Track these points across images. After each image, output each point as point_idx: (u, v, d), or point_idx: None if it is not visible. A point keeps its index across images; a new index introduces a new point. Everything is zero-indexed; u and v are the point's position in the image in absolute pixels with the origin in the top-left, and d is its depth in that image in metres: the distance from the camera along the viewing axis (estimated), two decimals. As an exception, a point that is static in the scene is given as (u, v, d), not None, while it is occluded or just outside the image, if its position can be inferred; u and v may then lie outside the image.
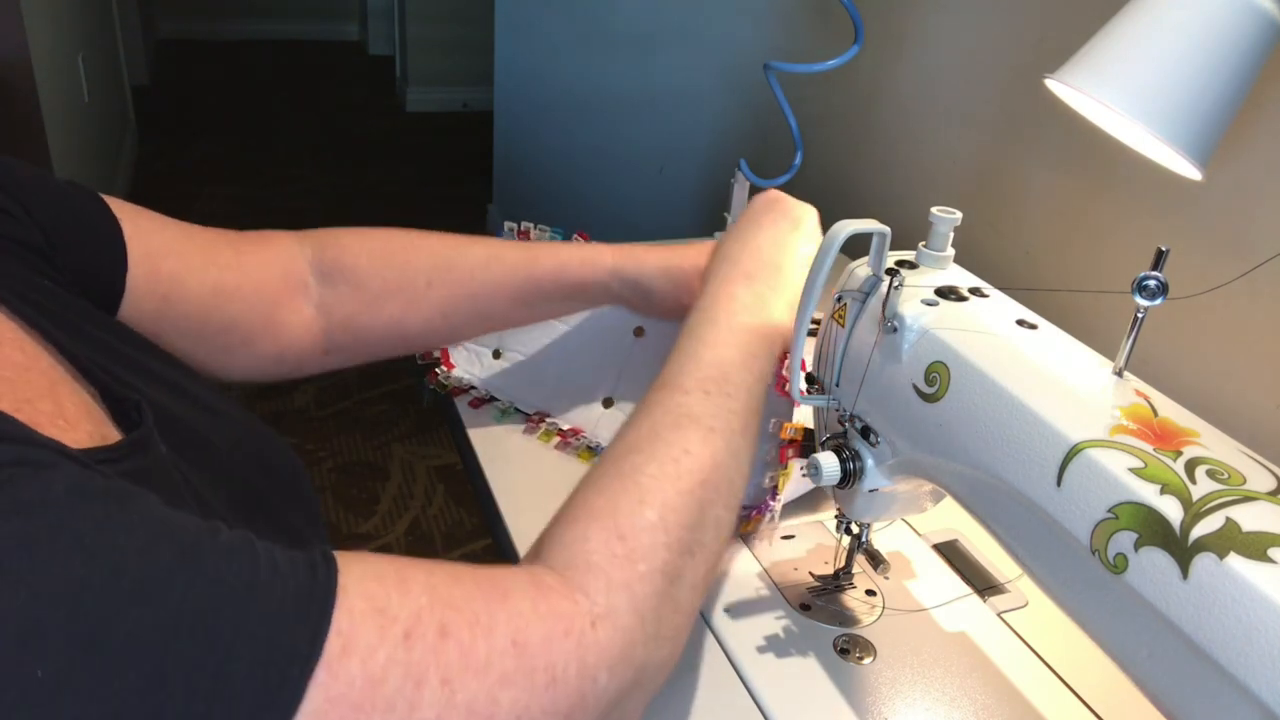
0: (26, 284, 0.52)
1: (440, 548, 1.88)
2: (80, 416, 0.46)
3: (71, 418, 0.45)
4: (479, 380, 0.90)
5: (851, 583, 0.72)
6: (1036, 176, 1.01)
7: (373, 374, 2.43)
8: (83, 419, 0.46)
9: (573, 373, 0.87)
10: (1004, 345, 0.55)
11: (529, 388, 0.89)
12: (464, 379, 0.90)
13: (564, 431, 0.87)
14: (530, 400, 0.89)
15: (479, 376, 0.91)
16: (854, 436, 0.63)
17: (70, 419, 0.45)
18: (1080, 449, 0.47)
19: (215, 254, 0.69)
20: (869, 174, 1.32)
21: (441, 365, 0.90)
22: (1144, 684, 0.46)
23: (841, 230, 0.58)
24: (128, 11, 3.91)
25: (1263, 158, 0.76)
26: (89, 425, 0.46)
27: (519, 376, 0.89)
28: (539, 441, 0.87)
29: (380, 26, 5.15)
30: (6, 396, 0.43)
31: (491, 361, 0.91)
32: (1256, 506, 0.43)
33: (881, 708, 0.62)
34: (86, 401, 0.47)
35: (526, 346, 0.89)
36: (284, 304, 0.73)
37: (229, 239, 0.71)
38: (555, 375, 0.88)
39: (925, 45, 1.18)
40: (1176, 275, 0.50)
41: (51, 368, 0.47)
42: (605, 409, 0.86)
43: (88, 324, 0.54)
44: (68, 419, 0.45)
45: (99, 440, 0.45)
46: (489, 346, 0.91)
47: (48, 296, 0.52)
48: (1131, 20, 0.65)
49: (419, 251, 0.76)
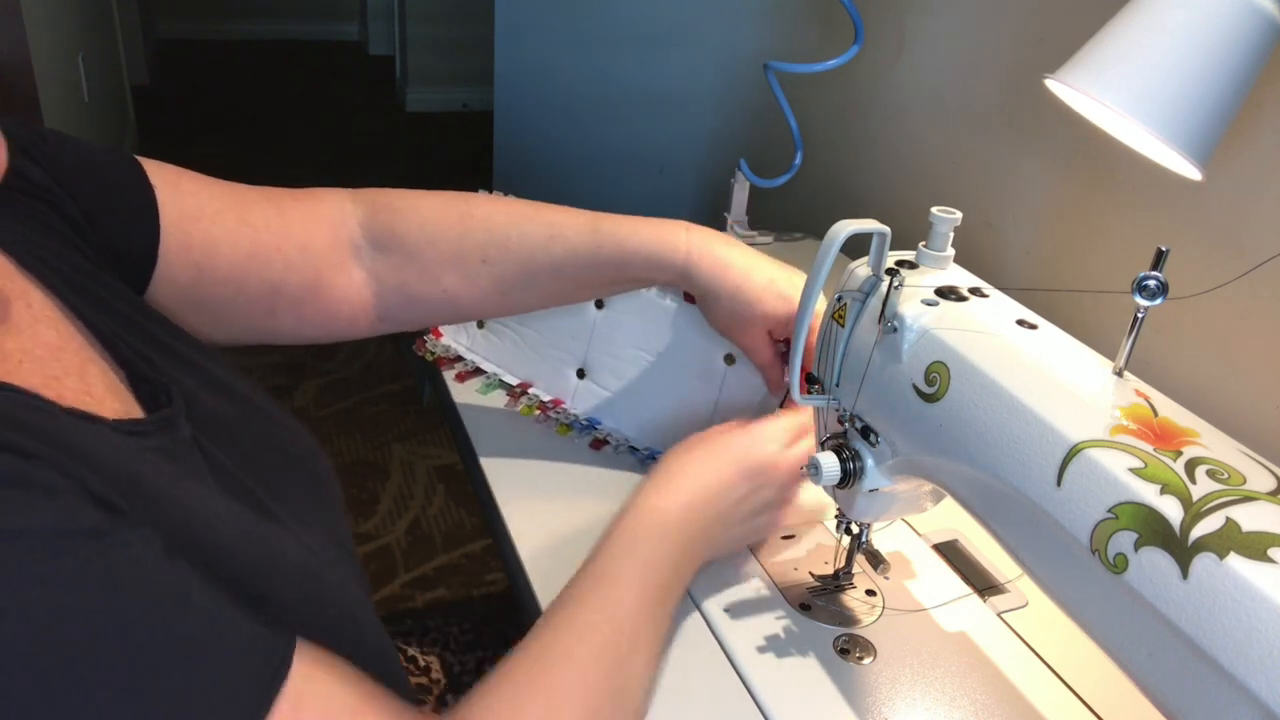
0: (60, 259, 0.52)
1: (440, 548, 1.88)
2: (106, 394, 0.46)
3: (98, 395, 0.46)
4: (465, 350, 0.92)
5: (851, 583, 0.72)
6: (1036, 176, 1.01)
7: (373, 374, 2.43)
8: (109, 397, 0.46)
9: (548, 342, 0.88)
10: (1004, 345, 0.55)
11: (512, 357, 0.90)
12: (451, 348, 0.92)
13: (544, 404, 0.88)
14: (514, 370, 0.90)
15: (465, 345, 0.92)
16: (854, 436, 0.63)
17: (97, 396, 0.46)
18: (1080, 449, 0.47)
19: (253, 215, 0.67)
20: (869, 174, 1.32)
21: (430, 334, 0.92)
22: (1144, 684, 0.46)
23: (841, 230, 0.58)
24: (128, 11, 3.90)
25: (1263, 158, 0.76)
26: (115, 403, 0.46)
27: (503, 345, 0.91)
28: (521, 414, 0.88)
29: (380, 26, 5.15)
30: (37, 373, 0.43)
31: (475, 331, 0.92)
32: (1256, 506, 0.43)
33: (881, 708, 0.62)
34: (114, 380, 0.48)
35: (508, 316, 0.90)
36: (332, 265, 0.71)
37: (272, 197, 0.69)
38: (534, 344, 0.89)
39: (925, 45, 1.18)
40: (1176, 275, 0.50)
41: (82, 347, 0.48)
42: (579, 380, 0.87)
43: (118, 302, 0.54)
44: (94, 396, 0.45)
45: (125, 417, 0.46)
46: None
47: (80, 273, 0.52)
48: (1131, 20, 0.65)
49: (475, 223, 0.73)
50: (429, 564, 1.84)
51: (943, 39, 1.15)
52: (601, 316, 0.85)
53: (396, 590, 1.77)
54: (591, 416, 0.86)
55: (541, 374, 0.89)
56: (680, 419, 0.83)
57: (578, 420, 0.86)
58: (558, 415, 0.87)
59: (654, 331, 0.83)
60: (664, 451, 0.82)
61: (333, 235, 0.71)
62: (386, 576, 1.80)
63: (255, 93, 4.57)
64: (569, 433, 0.87)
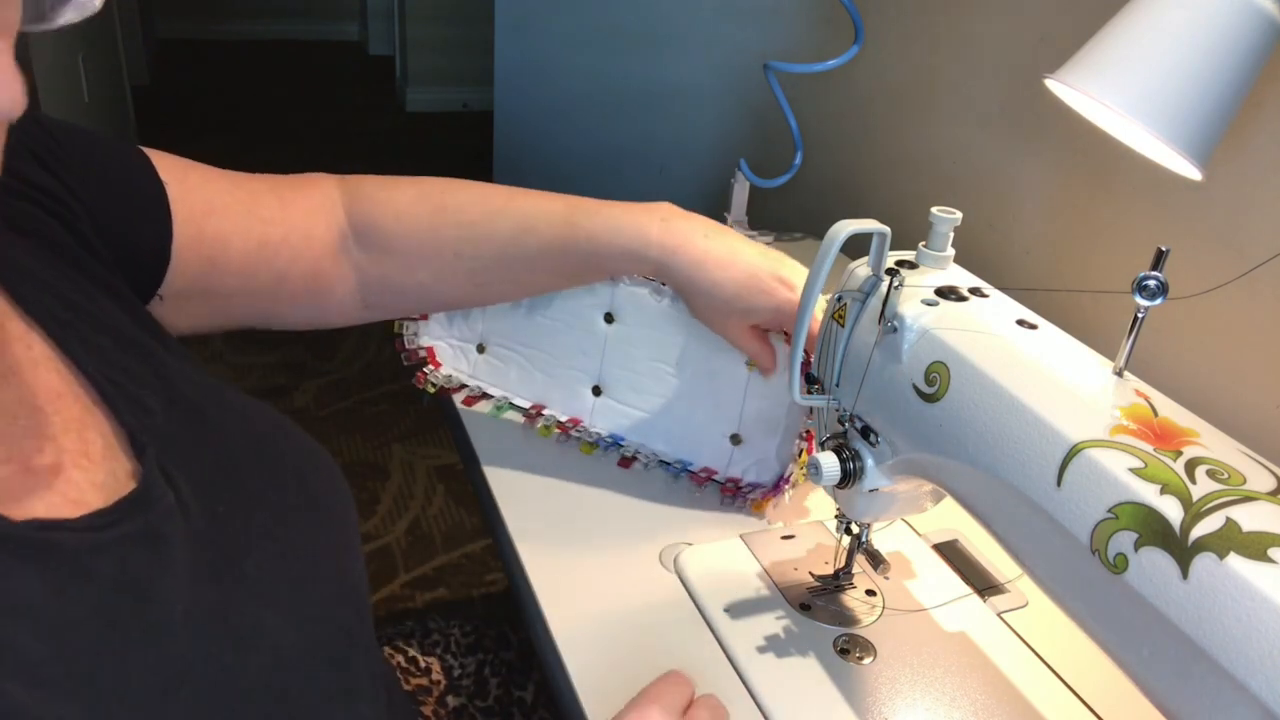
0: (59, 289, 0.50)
1: (440, 548, 1.88)
2: (102, 454, 0.45)
3: (95, 456, 0.45)
4: (468, 377, 0.89)
5: (851, 583, 0.72)
6: (1037, 176, 1.01)
7: (373, 374, 2.43)
8: (104, 457, 0.45)
9: (557, 362, 0.86)
10: (1004, 345, 0.55)
11: (519, 380, 0.88)
12: (454, 378, 0.89)
13: (563, 424, 0.86)
14: (522, 393, 0.88)
15: (467, 373, 0.89)
16: (854, 436, 0.63)
17: (94, 458, 0.45)
18: (1080, 449, 0.47)
19: (261, 207, 0.67)
20: (869, 174, 1.32)
21: (429, 365, 0.88)
22: (1144, 684, 0.46)
23: (841, 230, 0.58)
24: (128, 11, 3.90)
25: (1263, 158, 0.76)
26: (109, 463, 0.45)
27: (507, 369, 0.88)
28: (539, 435, 0.86)
29: (380, 26, 5.14)
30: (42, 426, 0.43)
31: (476, 356, 0.89)
32: (1256, 506, 0.43)
33: (881, 708, 0.62)
34: (108, 435, 0.47)
35: (509, 338, 0.87)
36: (329, 254, 0.72)
37: (274, 186, 0.69)
38: (542, 365, 0.86)
39: (925, 45, 1.18)
40: (1176, 275, 0.50)
41: (80, 395, 0.47)
42: (596, 397, 0.85)
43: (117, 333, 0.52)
44: (91, 458, 0.44)
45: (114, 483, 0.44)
46: (471, 342, 0.88)
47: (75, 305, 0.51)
48: (1132, 20, 0.65)
49: (447, 217, 0.73)
50: (429, 564, 1.84)
51: (943, 39, 1.15)
52: (612, 331, 0.83)
53: (396, 590, 1.77)
54: (615, 434, 0.84)
55: (554, 394, 0.86)
56: (710, 428, 0.82)
57: (601, 438, 0.84)
58: (579, 434, 0.85)
59: (670, 344, 0.81)
60: (696, 463, 0.82)
61: (327, 224, 0.72)
62: (386, 576, 1.80)
63: (255, 93, 4.57)
64: (594, 451, 0.85)
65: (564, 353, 0.85)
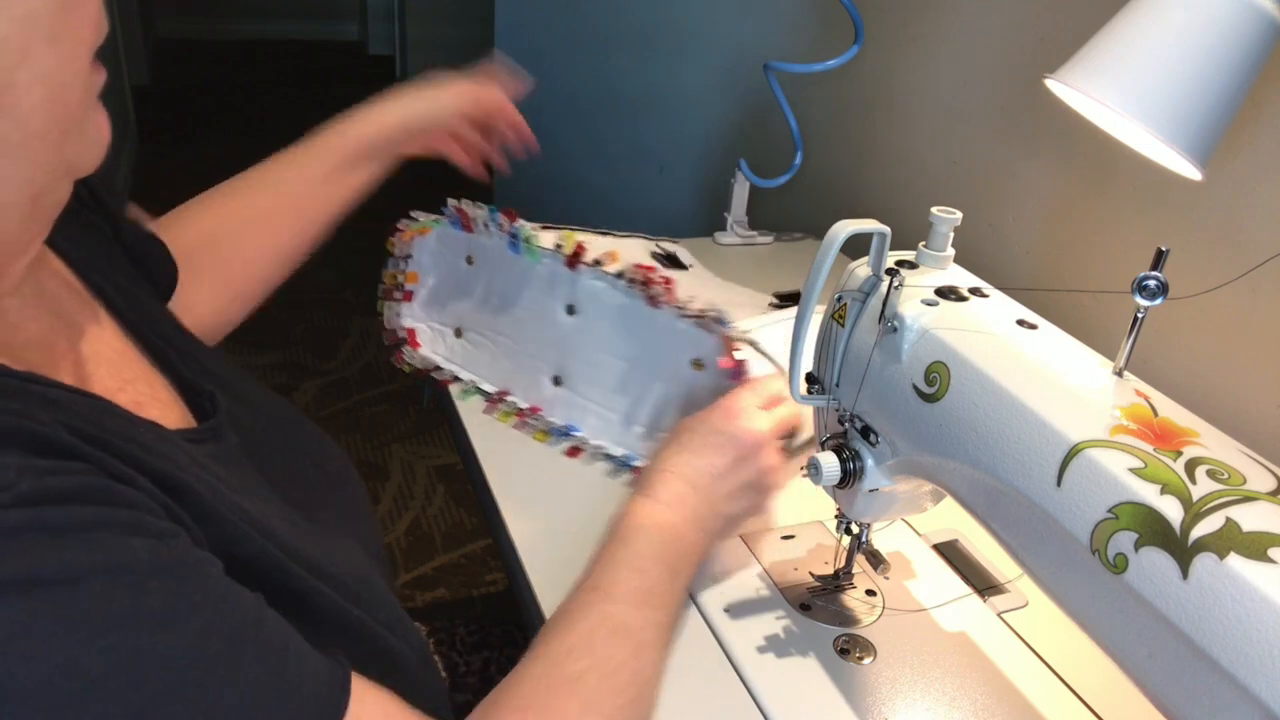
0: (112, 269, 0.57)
1: (440, 548, 1.88)
2: (171, 402, 0.52)
3: (164, 400, 0.51)
4: (443, 360, 0.92)
5: (851, 583, 0.72)
6: (1036, 176, 1.01)
7: (373, 374, 2.43)
8: (172, 404, 0.52)
9: (523, 350, 0.88)
10: (1004, 345, 0.55)
11: (489, 366, 0.91)
12: (429, 359, 0.92)
13: (521, 410, 0.88)
14: (491, 378, 0.91)
15: (444, 355, 0.92)
16: (854, 436, 0.63)
17: (163, 401, 0.51)
18: (1080, 449, 0.47)
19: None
20: (869, 174, 1.32)
21: (408, 345, 0.92)
22: (1144, 684, 0.46)
23: (841, 230, 0.58)
24: (128, 11, 3.90)
25: (1263, 158, 0.76)
26: (176, 410, 0.52)
27: (480, 355, 0.91)
28: (499, 421, 0.88)
29: (380, 26, 5.14)
30: (114, 375, 0.49)
31: (454, 340, 0.92)
32: (1256, 506, 0.43)
33: (881, 708, 0.62)
34: (170, 389, 0.53)
35: (485, 325, 0.90)
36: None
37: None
38: (511, 353, 0.89)
39: (925, 45, 1.18)
40: (1176, 275, 0.50)
41: (139, 358, 0.53)
42: (556, 387, 0.87)
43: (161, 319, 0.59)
44: (160, 401, 0.51)
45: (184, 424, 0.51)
46: (450, 326, 0.92)
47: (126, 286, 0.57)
48: (1131, 20, 0.65)
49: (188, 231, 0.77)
50: (429, 564, 1.84)
51: (943, 39, 1.15)
52: (573, 323, 0.85)
53: (396, 590, 1.77)
54: (570, 424, 0.86)
55: (519, 382, 0.89)
56: (651, 425, 0.83)
57: (555, 427, 0.86)
58: (535, 422, 0.87)
59: (623, 336, 0.83)
60: (639, 458, 0.83)
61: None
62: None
63: (255, 93, 4.57)
64: (547, 439, 0.86)
65: (530, 342, 0.88)
